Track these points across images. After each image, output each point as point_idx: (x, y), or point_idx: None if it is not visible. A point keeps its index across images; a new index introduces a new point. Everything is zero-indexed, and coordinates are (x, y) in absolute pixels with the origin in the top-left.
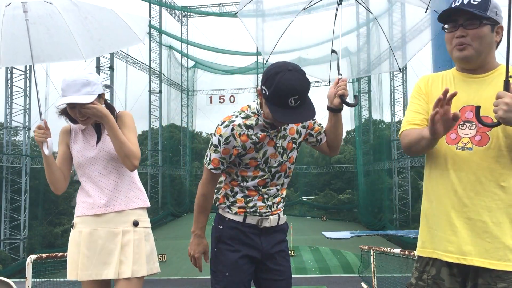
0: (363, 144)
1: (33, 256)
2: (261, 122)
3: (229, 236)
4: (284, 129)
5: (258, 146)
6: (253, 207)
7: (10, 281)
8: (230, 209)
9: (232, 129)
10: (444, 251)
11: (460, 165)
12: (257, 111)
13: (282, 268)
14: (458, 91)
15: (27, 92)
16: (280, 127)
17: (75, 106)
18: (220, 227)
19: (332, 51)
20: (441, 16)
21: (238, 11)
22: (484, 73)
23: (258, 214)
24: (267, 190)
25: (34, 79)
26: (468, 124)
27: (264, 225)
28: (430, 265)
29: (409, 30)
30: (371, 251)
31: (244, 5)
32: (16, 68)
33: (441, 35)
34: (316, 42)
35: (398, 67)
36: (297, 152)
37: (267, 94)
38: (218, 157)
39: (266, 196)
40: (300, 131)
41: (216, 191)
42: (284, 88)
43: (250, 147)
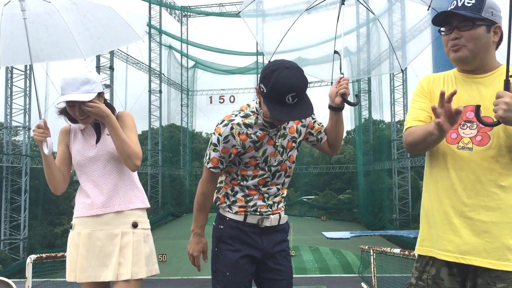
0: (363, 144)
1: (33, 256)
2: (260, 121)
3: (229, 235)
4: (284, 128)
5: (258, 145)
6: (253, 206)
7: (10, 281)
8: (230, 208)
9: (231, 128)
10: (443, 251)
11: (460, 164)
12: (256, 110)
13: (283, 268)
14: (460, 92)
15: (27, 92)
16: (279, 125)
17: (74, 104)
18: (221, 227)
19: (335, 52)
20: (435, 20)
21: (240, 11)
22: (484, 73)
23: (258, 214)
24: (268, 189)
25: (33, 79)
26: (469, 124)
27: (265, 224)
28: (430, 265)
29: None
30: (371, 251)
31: (247, 5)
32: (16, 68)
33: (441, 36)
34: (317, 42)
35: (400, 68)
36: (297, 151)
37: (265, 92)
38: (217, 156)
39: (266, 196)
40: (300, 130)
41: (216, 191)
42: (281, 86)
43: (250, 146)
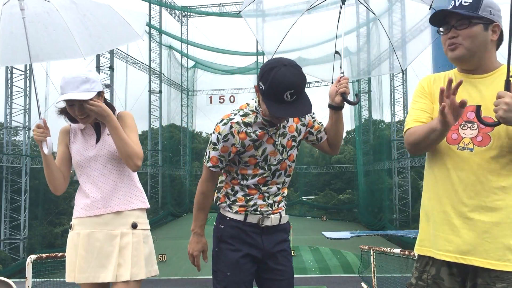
0: (363, 144)
1: (33, 256)
2: (259, 119)
3: (230, 235)
4: (283, 127)
5: (257, 144)
6: (253, 205)
7: (10, 281)
8: (230, 208)
9: (231, 126)
10: (444, 251)
11: (460, 165)
12: (255, 109)
13: (284, 268)
14: (460, 92)
15: (27, 92)
16: (279, 124)
17: (74, 103)
18: (221, 227)
19: (336, 52)
20: (433, 20)
21: (241, 10)
22: (484, 73)
23: (259, 213)
24: (268, 188)
25: (33, 78)
26: (469, 125)
27: (265, 224)
28: (430, 265)
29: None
30: (371, 251)
31: (247, 5)
32: (16, 68)
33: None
34: (317, 42)
35: (400, 68)
36: (297, 150)
37: (263, 89)
38: (216, 155)
39: (266, 195)
40: (300, 129)
41: (217, 191)
42: (279, 83)
43: (249, 144)
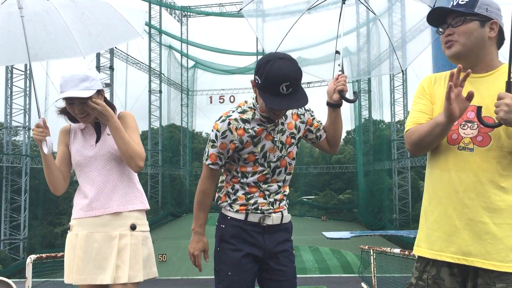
0: (363, 144)
1: (33, 256)
2: (257, 116)
3: (231, 234)
4: (282, 123)
5: (256, 140)
6: (254, 204)
7: (10, 281)
8: (231, 207)
9: (229, 123)
10: (445, 251)
11: (461, 165)
12: (253, 106)
13: (285, 268)
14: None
15: (27, 92)
16: (276, 120)
17: (73, 102)
18: (223, 226)
19: (336, 52)
20: (431, 20)
21: (241, 9)
22: (484, 72)
23: (260, 212)
24: (268, 186)
25: (32, 77)
26: (469, 124)
27: (267, 222)
28: (431, 265)
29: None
30: (371, 251)
31: (247, 3)
32: (16, 68)
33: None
34: (317, 42)
35: (400, 68)
36: (297, 147)
37: (260, 83)
38: (215, 152)
39: (267, 193)
40: (299, 127)
41: (218, 190)
42: (275, 75)
43: (247, 141)
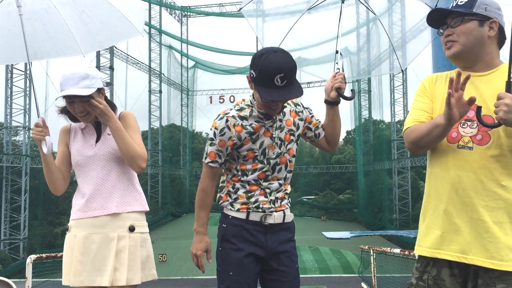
0: (363, 144)
1: (33, 256)
2: (255, 113)
3: (232, 234)
4: (280, 120)
5: (254, 137)
6: (255, 202)
7: (10, 281)
8: (232, 206)
9: (226, 120)
10: (444, 250)
11: (460, 164)
12: (250, 103)
13: (287, 269)
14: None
15: (27, 92)
16: (274, 117)
17: (73, 100)
18: (224, 226)
19: (337, 52)
20: (431, 21)
21: (241, 8)
22: (484, 71)
23: (261, 210)
24: (269, 184)
25: (30, 76)
26: (469, 123)
27: (268, 221)
28: (431, 265)
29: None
30: (371, 251)
31: (246, 3)
32: (16, 68)
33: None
34: (317, 42)
35: (400, 68)
36: (296, 145)
37: (254, 76)
38: (214, 149)
39: (268, 191)
40: (298, 124)
41: (219, 191)
42: (269, 67)
43: (246, 137)
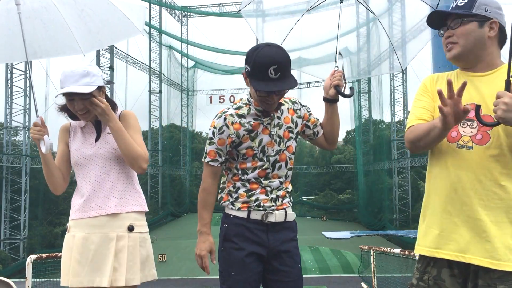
0: (363, 144)
1: (33, 256)
2: (253, 111)
3: (234, 233)
4: (278, 117)
5: (253, 135)
6: (256, 200)
7: (10, 281)
8: (233, 205)
9: (225, 118)
10: (443, 249)
11: (460, 163)
12: (248, 101)
13: (289, 268)
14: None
15: (27, 92)
16: (272, 114)
17: (74, 98)
18: (225, 225)
19: (337, 52)
20: (431, 23)
21: (241, 9)
22: (484, 71)
23: (262, 209)
24: (269, 182)
25: (29, 75)
26: (469, 123)
27: (270, 220)
28: (431, 266)
29: (409, 30)
30: (371, 251)
31: (246, 4)
32: (16, 68)
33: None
34: (317, 42)
35: (400, 68)
36: (295, 142)
37: (249, 70)
38: (214, 148)
39: (268, 189)
40: (296, 121)
41: (220, 191)
42: (262, 60)
43: (244, 135)
